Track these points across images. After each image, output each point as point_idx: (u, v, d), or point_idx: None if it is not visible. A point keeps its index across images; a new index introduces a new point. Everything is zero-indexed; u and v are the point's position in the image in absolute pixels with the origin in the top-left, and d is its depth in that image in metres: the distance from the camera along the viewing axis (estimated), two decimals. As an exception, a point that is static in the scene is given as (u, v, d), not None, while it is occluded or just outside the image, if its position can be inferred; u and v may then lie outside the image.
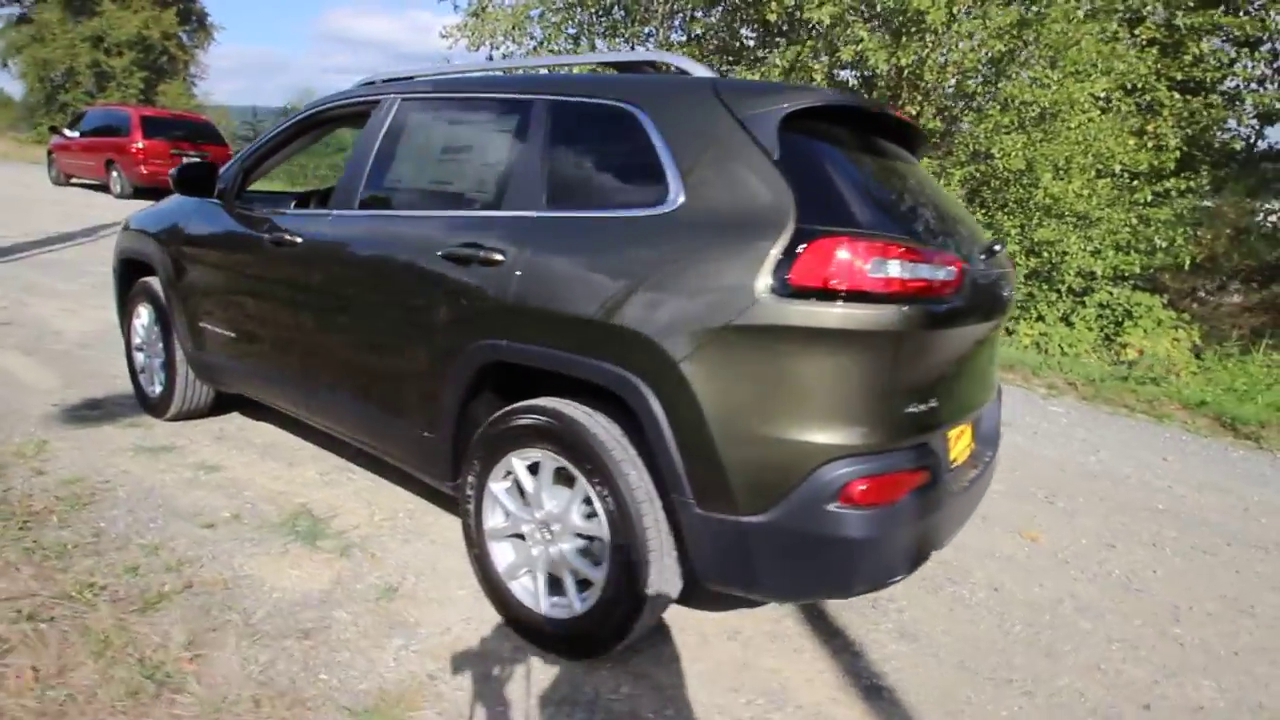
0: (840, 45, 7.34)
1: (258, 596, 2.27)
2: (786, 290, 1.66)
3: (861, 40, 7.27)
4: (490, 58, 15.64)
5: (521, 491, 2.14)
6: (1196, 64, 8.42)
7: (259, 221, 2.96)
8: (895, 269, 1.66)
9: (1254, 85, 9.10)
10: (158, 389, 3.66)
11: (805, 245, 1.66)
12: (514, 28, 14.19)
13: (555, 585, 2.10)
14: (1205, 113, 8.70)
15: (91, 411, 3.75)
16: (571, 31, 14.37)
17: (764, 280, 1.67)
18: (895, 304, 1.67)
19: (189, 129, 13.24)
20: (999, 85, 7.68)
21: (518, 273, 2.01)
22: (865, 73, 7.83)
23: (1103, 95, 8.07)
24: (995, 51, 7.14)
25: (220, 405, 3.72)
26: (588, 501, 1.97)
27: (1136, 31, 8.46)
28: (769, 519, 1.71)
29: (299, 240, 2.67)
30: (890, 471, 1.73)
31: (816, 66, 7.46)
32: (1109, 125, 8.06)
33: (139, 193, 12.90)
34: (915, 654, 2.32)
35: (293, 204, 3.49)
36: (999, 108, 7.83)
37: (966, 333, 1.91)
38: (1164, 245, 8.51)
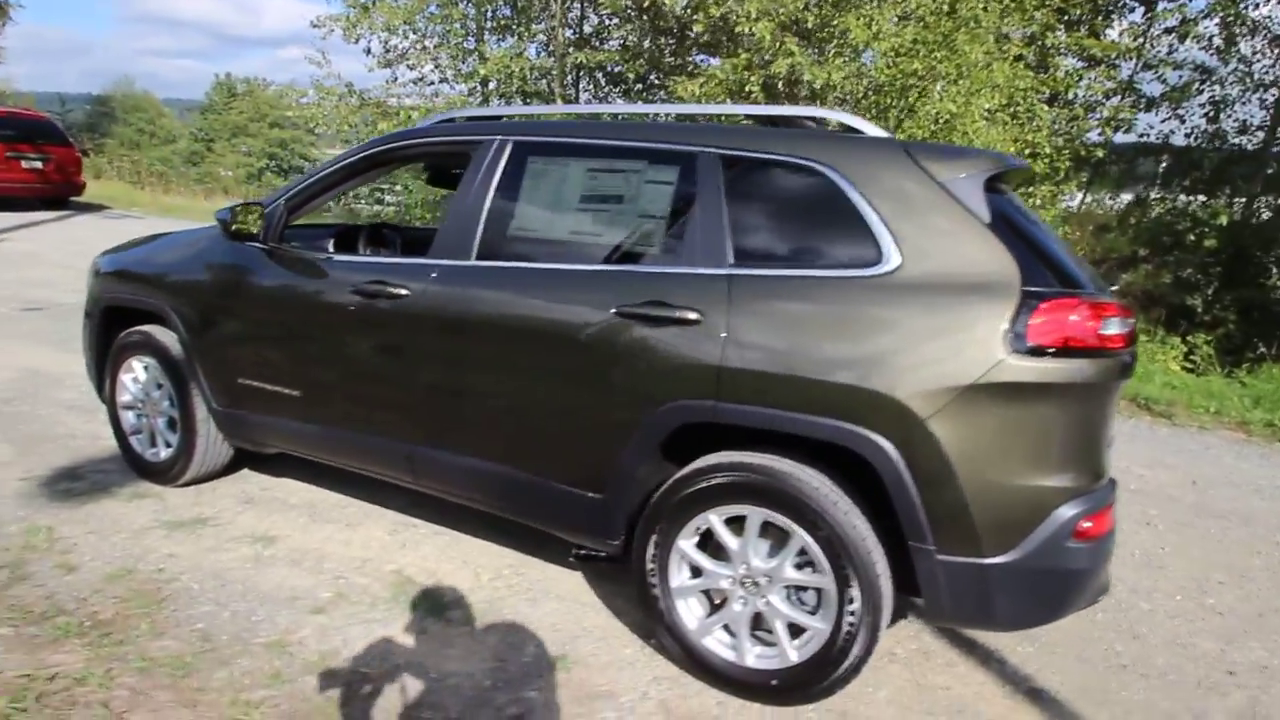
0: (771, 59, 7.67)
1: (435, 687, 2.10)
2: (1026, 349, 1.79)
3: (793, 54, 7.62)
4: (368, 51, 14.76)
5: (715, 547, 2.14)
6: (1062, 79, 9.59)
7: (330, 268, 2.69)
8: (1115, 326, 1.84)
9: (1101, 98, 10.50)
10: (164, 451, 3.22)
11: (1039, 307, 1.80)
12: (406, 23, 13.49)
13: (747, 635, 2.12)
14: (1071, 123, 9.93)
15: (75, 484, 3.24)
16: (468, 29, 13.87)
17: (1004, 341, 1.79)
18: (1110, 356, 1.85)
19: (24, 128, 11.41)
20: (911, 99, 8.32)
21: (723, 333, 2.00)
22: (793, 88, 8.23)
23: (989, 109, 8.98)
24: (910, 69, 7.75)
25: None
26: (801, 553, 2.01)
27: (1004, 48, 9.48)
28: (1010, 559, 1.85)
29: (404, 292, 2.46)
30: (1103, 507, 1.92)
31: (753, 79, 7.75)
32: (995, 135, 9.00)
33: (-35, 202, 10.99)
34: (1041, 654, 2.56)
35: (331, 245, 3.18)
36: (906, 119, 8.52)
37: None
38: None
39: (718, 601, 2.20)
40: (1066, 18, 10.11)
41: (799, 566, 2.03)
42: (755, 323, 1.99)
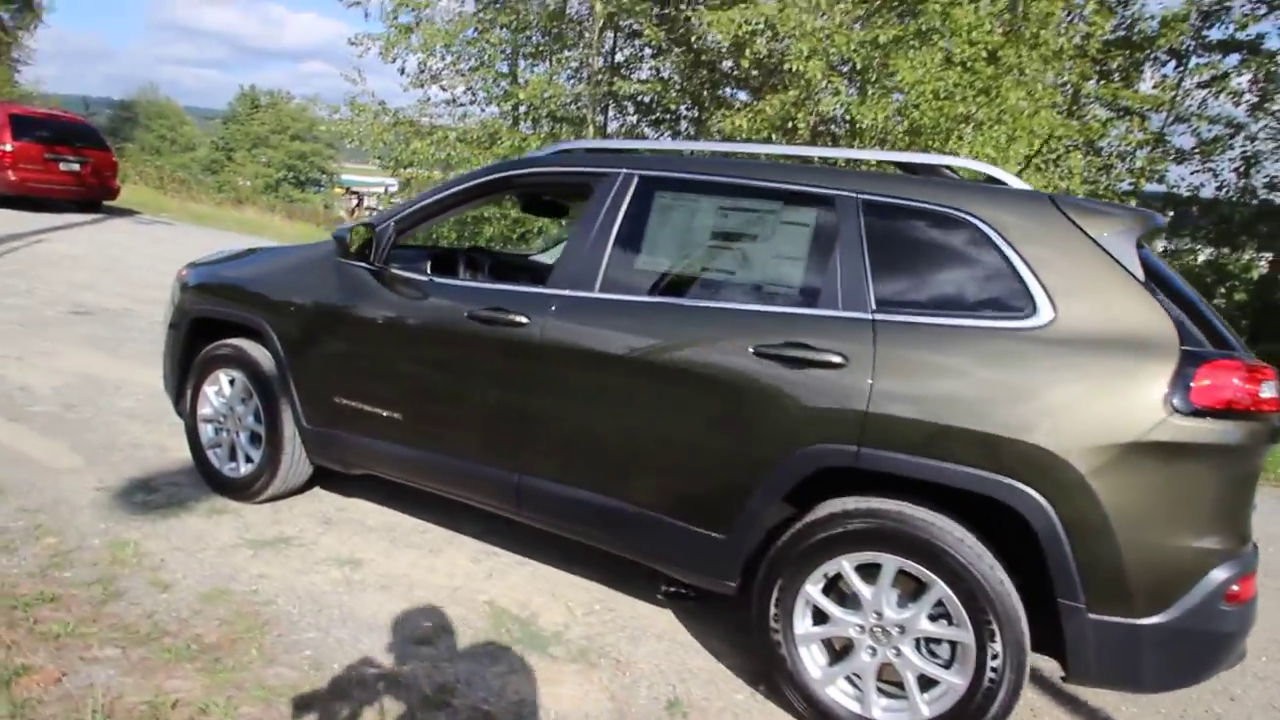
0: (819, 97, 7.78)
1: (552, 727, 2.05)
2: (1189, 410, 1.78)
3: (839, 93, 7.74)
4: (403, 71, 14.99)
5: (840, 594, 2.11)
6: (1095, 128, 9.71)
7: (442, 292, 2.69)
8: (1270, 389, 1.84)
9: (1132, 148, 10.64)
10: (245, 467, 3.19)
11: (1201, 369, 1.79)
12: (445, 45, 13.72)
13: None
14: (1101, 171, 10.04)
15: (151, 496, 3.20)
16: (505, 53, 14.07)
17: (1167, 401, 1.78)
18: (1264, 419, 1.84)
19: (63, 130, 11.51)
20: (952, 142, 8.42)
21: (869, 379, 1.99)
22: (833, 125, 8.35)
23: (1026, 155, 9.08)
24: (955, 112, 7.85)
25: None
26: (937, 604, 1.98)
27: (1039, 97, 9.63)
28: (1163, 620, 1.81)
29: (524, 320, 2.46)
30: (1251, 570, 1.90)
31: (801, 117, 7.85)
32: (1030, 181, 9.09)
33: (5, 202, 11.03)
34: (1144, 714, 2.51)
35: (428, 267, 3.18)
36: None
37: None
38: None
39: (838, 649, 2.16)
40: (1101, 68, 10.28)
41: (933, 618, 2.00)
42: (904, 369, 1.98)
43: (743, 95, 11.38)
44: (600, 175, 2.55)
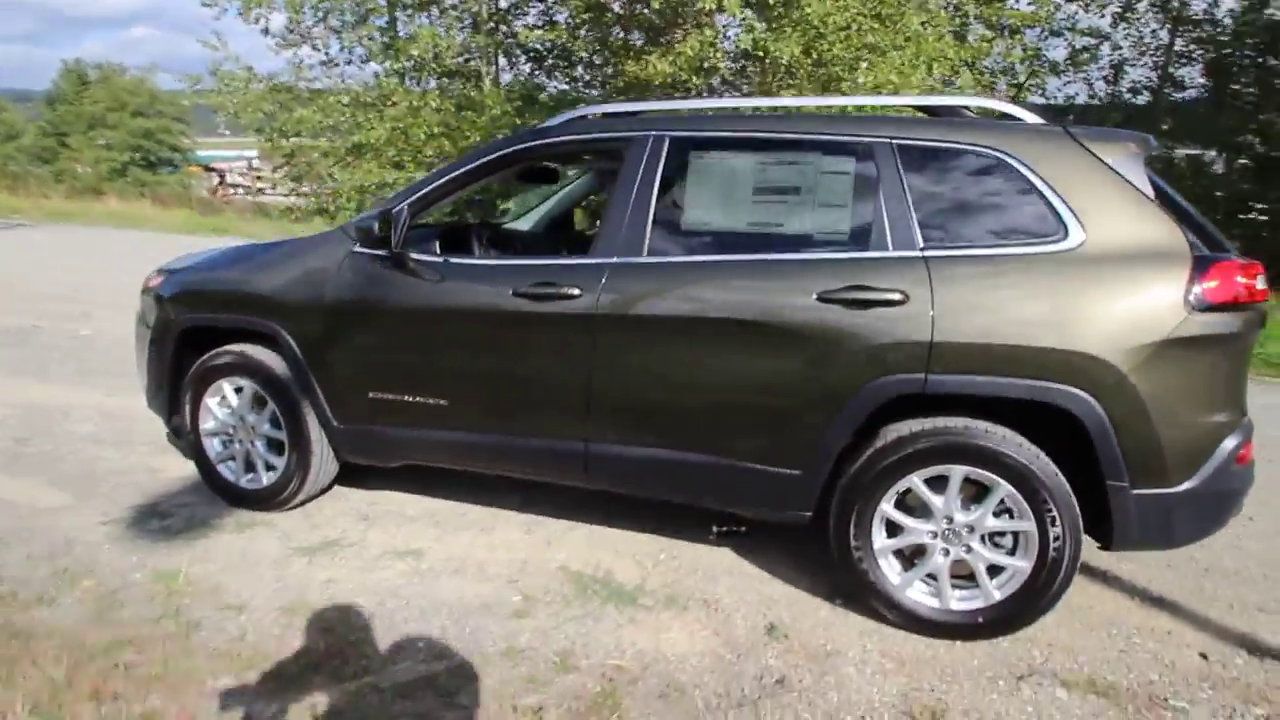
0: (736, 35, 7.83)
1: (687, 667, 2.19)
2: (1204, 306, 2.07)
3: (753, 30, 7.81)
4: (266, 31, 13.80)
5: (910, 507, 2.34)
6: (982, 48, 10.30)
7: (476, 273, 2.66)
8: (1261, 282, 2.16)
9: (1015, 64, 11.37)
10: (268, 476, 3.08)
11: (1209, 271, 2.08)
12: (316, 1, 12.65)
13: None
14: (988, 88, 10.70)
15: (168, 521, 3.05)
16: (383, 4, 13.13)
17: (1187, 301, 2.07)
18: (1256, 309, 2.17)
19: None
20: (857, 70, 8.72)
21: (931, 311, 2.17)
22: (750, 62, 8.43)
23: (924, 78, 9.54)
24: (862, 41, 8.12)
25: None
26: (999, 502, 2.24)
27: (936, 21, 10.06)
28: (1190, 485, 2.15)
29: (576, 292, 2.48)
30: (1250, 437, 2.26)
31: (718, 55, 7.87)
32: None
33: None
34: (1143, 569, 2.93)
35: (436, 245, 3.08)
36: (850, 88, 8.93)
37: None
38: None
39: (909, 555, 2.41)
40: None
41: (997, 514, 2.27)
42: (960, 299, 2.17)
43: (637, 39, 11.23)
44: (628, 140, 2.56)
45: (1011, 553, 2.29)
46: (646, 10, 9.07)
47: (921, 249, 2.24)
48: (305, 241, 3.02)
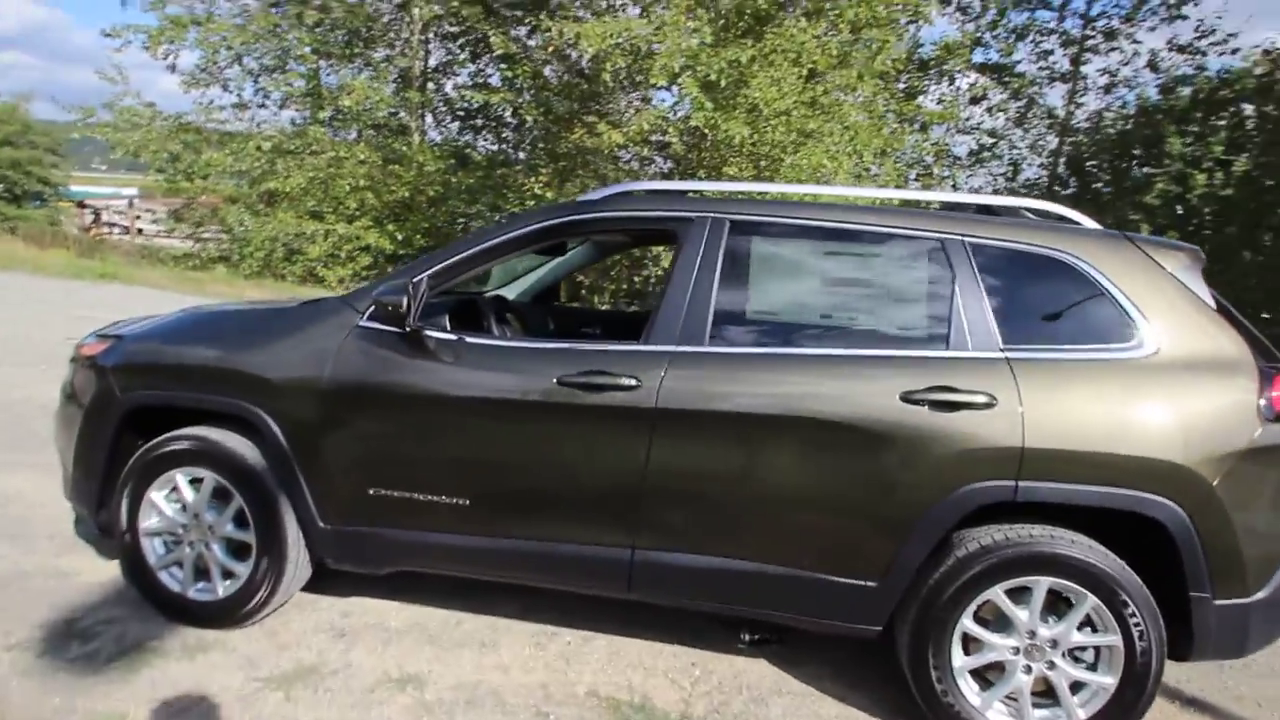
0: (690, 112, 8.03)
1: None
2: (1273, 417, 2.10)
3: (704, 108, 8.04)
4: (173, 69, 13.08)
5: (986, 621, 2.20)
6: (902, 140, 11.12)
7: (513, 357, 2.37)
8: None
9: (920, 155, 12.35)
10: (225, 586, 2.57)
11: (1275, 381, 2.13)
12: (239, 42, 12.11)
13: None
14: (902, 178, 11.54)
15: (92, 645, 2.48)
16: (305, 53, 12.69)
17: (1259, 411, 2.09)
18: None
19: None
20: (797, 152, 9.14)
21: (1020, 414, 2.10)
22: (702, 139, 8.66)
23: (854, 165, 10.13)
24: (807, 128, 8.54)
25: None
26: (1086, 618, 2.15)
27: (876, 113, 10.78)
28: (1264, 594, 2.13)
29: (633, 383, 2.24)
30: None
31: (672, 130, 8.02)
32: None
33: None
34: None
35: (446, 320, 2.74)
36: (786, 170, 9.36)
37: None
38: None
39: (986, 674, 2.26)
40: (903, 85, 11.76)
41: (1080, 628, 2.17)
42: (1048, 402, 2.11)
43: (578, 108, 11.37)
44: (685, 220, 2.40)
45: (1093, 668, 2.19)
46: (587, 83, 9.19)
47: (1002, 350, 2.19)
48: (296, 311, 2.64)
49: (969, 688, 2.23)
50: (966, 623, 2.19)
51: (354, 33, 13.41)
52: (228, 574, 2.58)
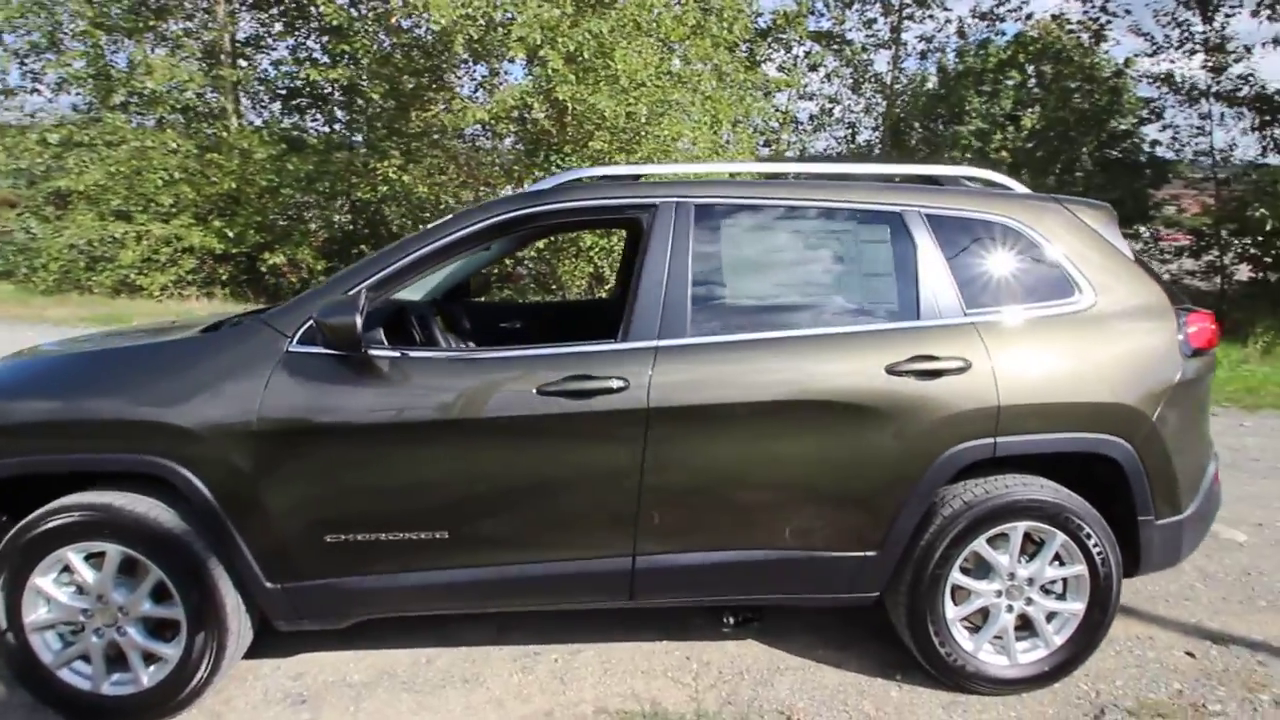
0: (554, 86, 7.73)
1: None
2: (1190, 353, 2.36)
3: (570, 81, 7.79)
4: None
5: (968, 571, 2.33)
6: (760, 108, 11.49)
7: (483, 369, 2.15)
8: (1214, 330, 2.52)
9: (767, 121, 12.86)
10: (149, 673, 2.18)
11: (1188, 320, 2.38)
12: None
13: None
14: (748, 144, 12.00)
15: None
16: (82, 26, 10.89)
17: (1183, 351, 2.34)
18: (1211, 351, 2.53)
19: None
20: (661, 126, 9.15)
21: (993, 375, 2.19)
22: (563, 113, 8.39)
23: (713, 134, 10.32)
24: (672, 97, 8.54)
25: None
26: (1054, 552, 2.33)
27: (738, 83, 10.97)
28: (1192, 510, 2.41)
29: (621, 384, 2.10)
30: (1218, 461, 2.61)
31: (538, 105, 7.69)
32: (704, 153, 10.41)
33: None
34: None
35: (381, 334, 2.41)
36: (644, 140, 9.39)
37: None
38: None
39: (972, 618, 2.40)
40: (744, 54, 12.07)
41: (1050, 564, 2.35)
42: (1014, 361, 2.23)
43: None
44: (646, 206, 2.28)
45: (1061, 598, 2.39)
46: (427, 57, 8.60)
47: (966, 314, 2.28)
48: (203, 342, 2.23)
49: (961, 635, 2.35)
50: (956, 575, 2.30)
51: (140, 1, 11.64)
52: (151, 658, 2.19)
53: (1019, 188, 2.57)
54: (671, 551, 2.22)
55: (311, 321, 2.12)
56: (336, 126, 13.33)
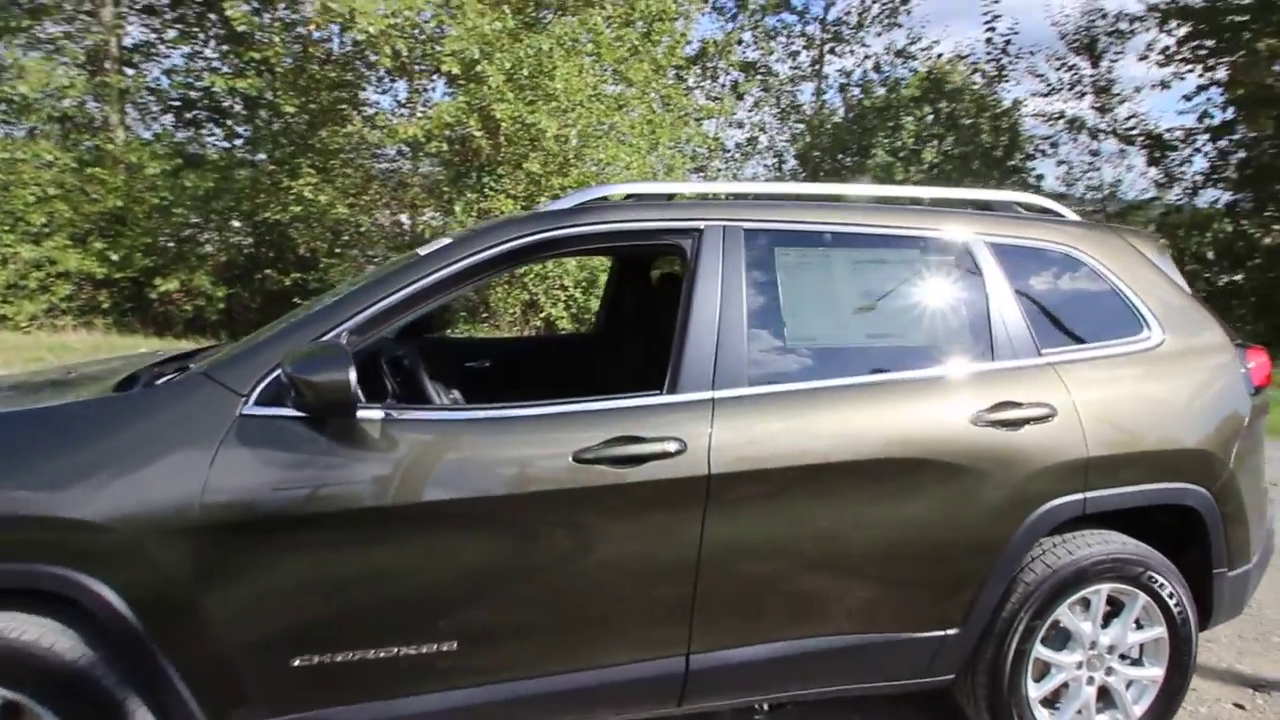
0: (491, 104, 7.29)
1: None
2: (1253, 390, 2.22)
3: (507, 100, 7.38)
4: None
5: (1068, 633, 2.08)
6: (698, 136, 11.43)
7: (501, 431, 1.71)
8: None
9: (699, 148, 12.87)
10: None
11: (1248, 356, 2.25)
12: None
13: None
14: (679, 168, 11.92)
15: None
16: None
17: (1246, 387, 2.19)
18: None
19: None
20: (598, 148, 8.88)
21: (1080, 423, 1.96)
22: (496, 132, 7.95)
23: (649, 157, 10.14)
24: (612, 119, 8.28)
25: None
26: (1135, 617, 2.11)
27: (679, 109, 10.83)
28: (1258, 557, 2.27)
29: (674, 447, 1.72)
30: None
31: (474, 123, 7.21)
32: (636, 176, 10.24)
33: None
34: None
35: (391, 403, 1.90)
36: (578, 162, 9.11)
37: None
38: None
39: (1051, 695, 2.14)
40: (671, 80, 12.03)
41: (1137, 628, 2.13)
42: (1098, 406, 2.00)
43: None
44: (690, 231, 1.93)
45: (1138, 663, 2.17)
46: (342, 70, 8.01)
47: (1041, 355, 2.05)
48: (115, 403, 1.69)
49: (1042, 716, 2.09)
50: (1041, 649, 2.04)
51: (12, 0, 10.34)
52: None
53: (1069, 214, 2.40)
54: (731, 645, 1.85)
55: (276, 376, 1.64)
56: (238, 142, 12.28)
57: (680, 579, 1.77)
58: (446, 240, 1.95)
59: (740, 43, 12.83)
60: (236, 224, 11.66)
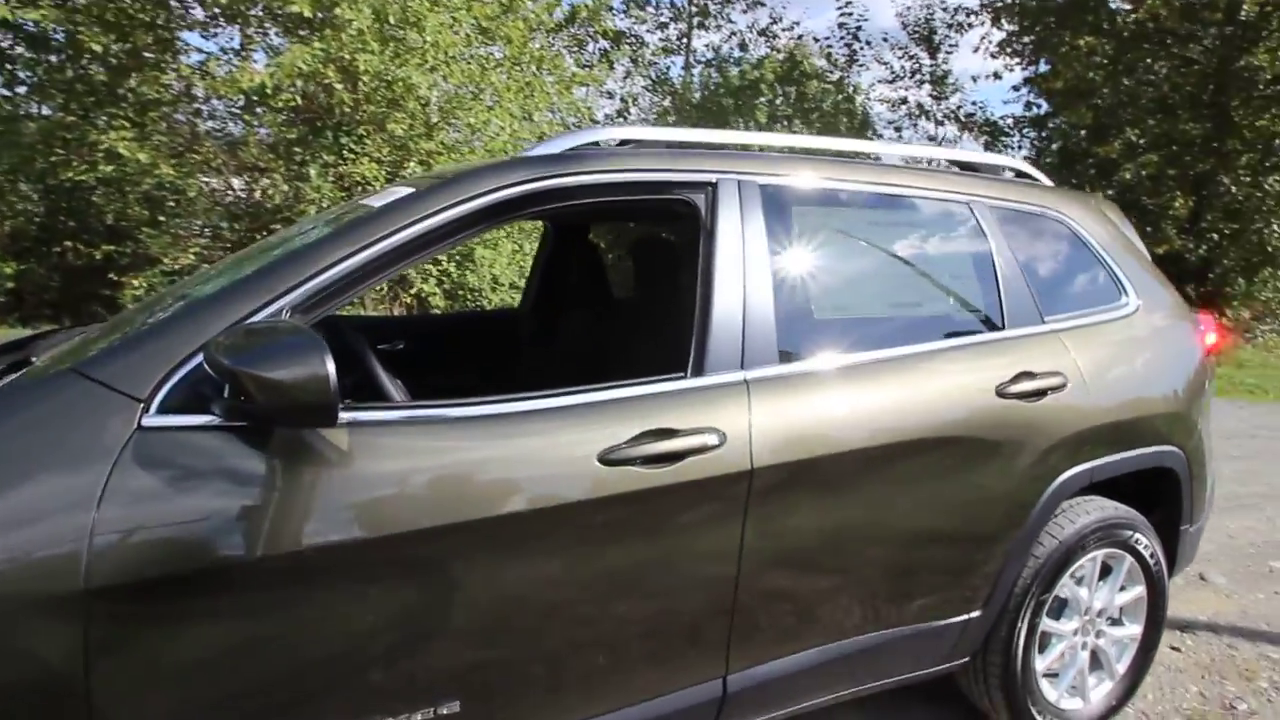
0: (355, 54, 6.43)
1: None
2: (1205, 355, 2.31)
3: (374, 51, 6.58)
4: None
5: (1065, 602, 2.05)
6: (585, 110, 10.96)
7: (505, 430, 1.34)
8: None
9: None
10: None
11: (1204, 325, 2.33)
12: None
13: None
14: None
15: None
16: None
17: (1205, 351, 2.27)
18: None
19: None
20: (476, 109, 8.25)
21: (1087, 391, 1.90)
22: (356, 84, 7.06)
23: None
24: (489, 80, 7.66)
25: None
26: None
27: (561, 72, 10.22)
28: (1206, 512, 2.38)
29: (714, 440, 1.44)
30: None
31: (332, 74, 6.32)
32: (508, 145, 9.73)
33: None
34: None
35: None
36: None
37: None
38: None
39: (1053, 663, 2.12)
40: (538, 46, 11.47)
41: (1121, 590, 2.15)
42: (1099, 374, 1.97)
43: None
44: (698, 185, 1.64)
45: (1118, 622, 2.21)
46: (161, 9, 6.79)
47: (1045, 321, 1.98)
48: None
49: (1045, 688, 2.07)
50: (1046, 620, 2.01)
51: None
52: None
53: (1044, 179, 2.36)
54: (770, 659, 1.62)
55: (189, 372, 1.18)
56: (20, 90, 10.15)
57: (719, 594, 1.52)
58: (402, 190, 1.53)
59: (610, 9, 12.46)
60: (24, 187, 9.71)
